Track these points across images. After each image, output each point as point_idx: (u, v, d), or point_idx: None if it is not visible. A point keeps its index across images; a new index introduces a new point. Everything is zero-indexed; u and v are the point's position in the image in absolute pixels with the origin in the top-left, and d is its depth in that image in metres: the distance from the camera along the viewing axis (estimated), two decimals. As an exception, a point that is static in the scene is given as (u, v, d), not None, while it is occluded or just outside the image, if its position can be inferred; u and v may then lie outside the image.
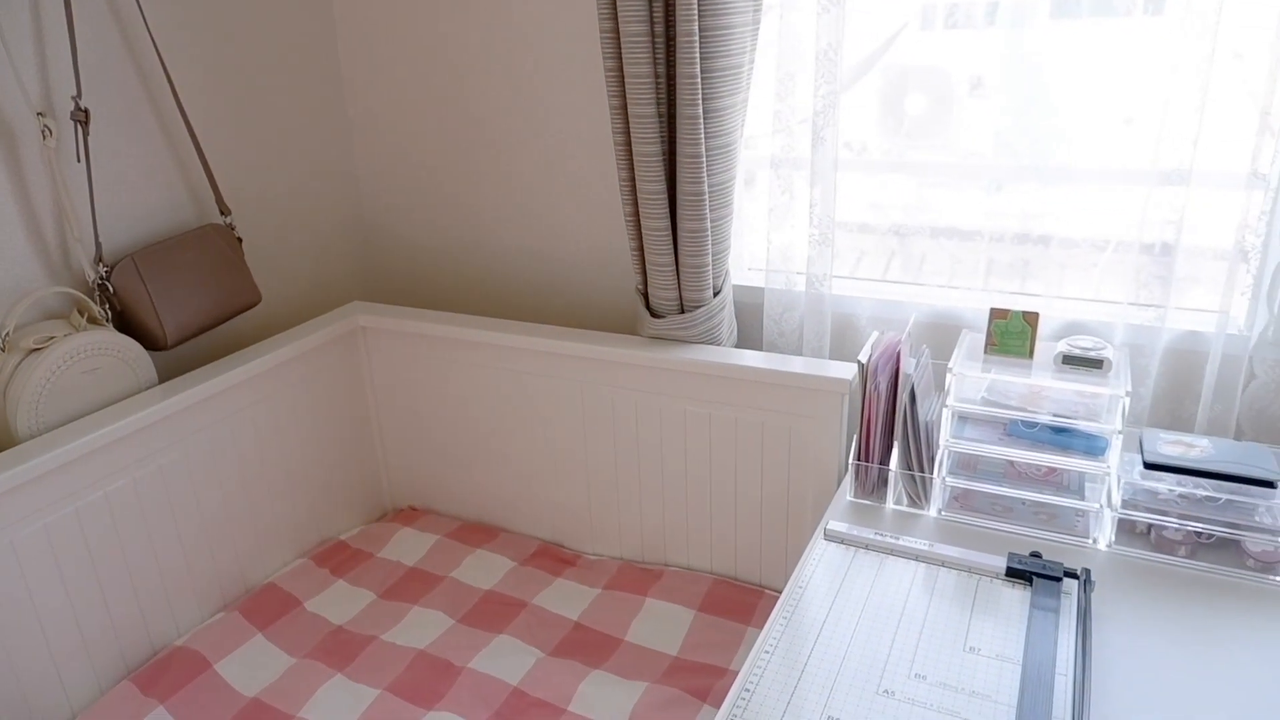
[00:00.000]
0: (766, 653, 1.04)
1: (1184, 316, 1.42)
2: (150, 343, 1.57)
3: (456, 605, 1.67)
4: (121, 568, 1.49)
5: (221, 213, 1.72)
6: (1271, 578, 1.17)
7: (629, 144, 1.53)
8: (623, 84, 1.50)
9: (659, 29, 1.45)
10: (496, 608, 1.66)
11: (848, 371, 1.48)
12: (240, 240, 1.74)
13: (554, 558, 1.82)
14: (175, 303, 1.59)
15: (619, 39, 1.46)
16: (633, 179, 1.56)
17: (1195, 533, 1.21)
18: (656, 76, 1.48)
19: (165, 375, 1.65)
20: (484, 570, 1.77)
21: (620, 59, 1.48)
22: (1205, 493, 1.22)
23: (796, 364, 1.55)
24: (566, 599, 1.68)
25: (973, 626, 1.07)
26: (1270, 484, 1.18)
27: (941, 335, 1.58)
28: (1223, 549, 1.21)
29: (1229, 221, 1.34)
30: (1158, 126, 1.31)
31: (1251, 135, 1.26)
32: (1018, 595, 1.13)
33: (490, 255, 1.95)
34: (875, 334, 1.38)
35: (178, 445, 1.55)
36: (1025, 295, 1.56)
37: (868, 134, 1.62)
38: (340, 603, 1.69)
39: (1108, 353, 1.26)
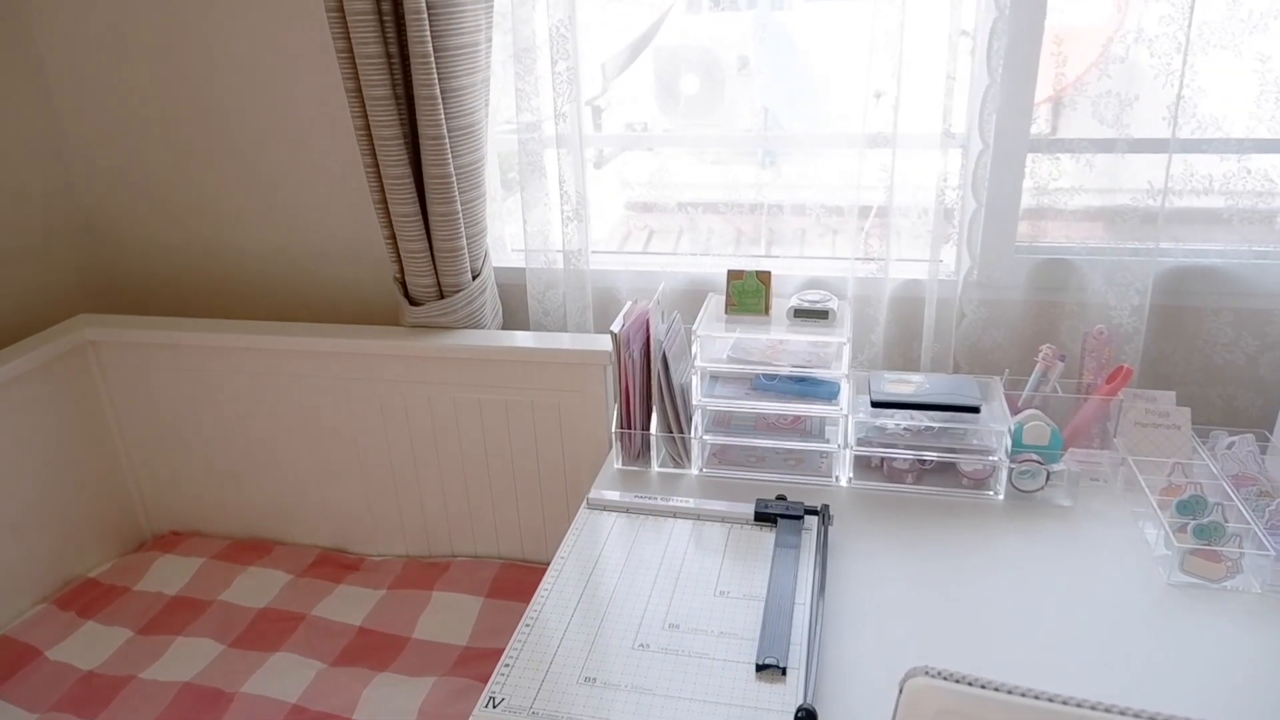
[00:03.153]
0: (527, 626, 1.05)
1: (903, 267, 1.55)
2: None
3: (226, 629, 1.56)
4: None
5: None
6: (984, 493, 1.31)
7: (368, 128, 1.48)
8: (355, 65, 1.44)
9: (386, 7, 1.40)
10: (272, 625, 1.57)
11: (607, 343, 1.50)
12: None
13: (335, 564, 1.74)
14: None
15: (345, 19, 1.40)
16: (376, 164, 1.50)
17: (919, 460, 1.33)
18: (389, 56, 1.43)
19: None
20: (257, 588, 1.66)
21: (349, 39, 1.42)
22: (925, 424, 1.34)
23: (560, 340, 1.56)
24: (349, 605, 1.61)
25: (724, 572, 1.13)
26: (975, 409, 1.32)
27: (697, 301, 1.64)
28: (943, 472, 1.34)
29: (934, 179, 1.47)
30: (863, 96, 1.41)
31: (940, 98, 1.40)
32: (766, 537, 1.20)
33: (236, 254, 1.82)
34: (628, 304, 1.41)
35: None
36: (770, 258, 1.65)
37: (648, 114, 1.65)
38: (90, 646, 1.53)
39: (832, 304, 1.36)
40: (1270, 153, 1.40)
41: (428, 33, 1.39)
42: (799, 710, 0.87)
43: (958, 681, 0.59)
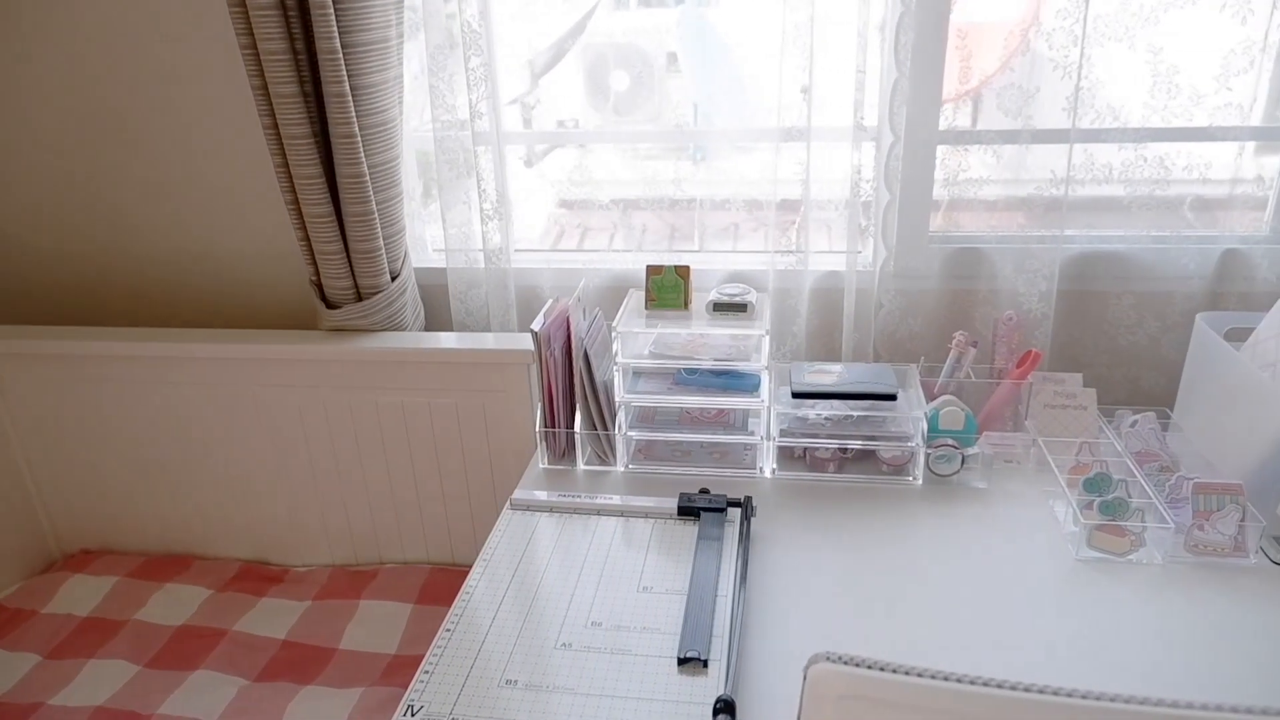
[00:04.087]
0: (448, 631, 1.03)
1: (823, 259, 1.57)
2: None
3: (141, 650, 1.50)
4: None
5: None
6: (903, 478, 1.34)
7: (276, 127, 1.44)
8: (259, 62, 1.39)
9: (291, 2, 1.36)
10: (190, 643, 1.51)
11: (529, 342, 1.49)
12: None
13: (258, 577, 1.69)
14: None
15: (248, 13, 1.36)
16: (286, 164, 1.46)
17: (840, 449, 1.35)
18: (295, 53, 1.39)
19: None
20: (174, 605, 1.60)
21: (253, 35, 1.38)
22: (845, 413, 1.36)
23: (483, 340, 1.54)
24: (272, 618, 1.57)
25: (647, 568, 1.13)
26: (892, 397, 1.34)
27: (620, 298, 1.63)
28: (864, 460, 1.37)
29: (849, 172, 1.49)
30: (776, 91, 1.42)
31: (851, 91, 1.42)
32: (690, 531, 1.20)
33: (142, 261, 1.75)
34: (549, 302, 1.40)
35: None
36: (690, 252, 1.65)
37: (579, 111, 1.63)
38: (-6, 674, 1.46)
39: (750, 297, 1.37)
40: (1165, 141, 1.45)
41: (335, 28, 1.36)
42: (718, 701, 0.88)
43: (858, 665, 0.60)
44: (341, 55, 1.38)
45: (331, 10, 1.35)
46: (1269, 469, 1.17)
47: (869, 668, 0.60)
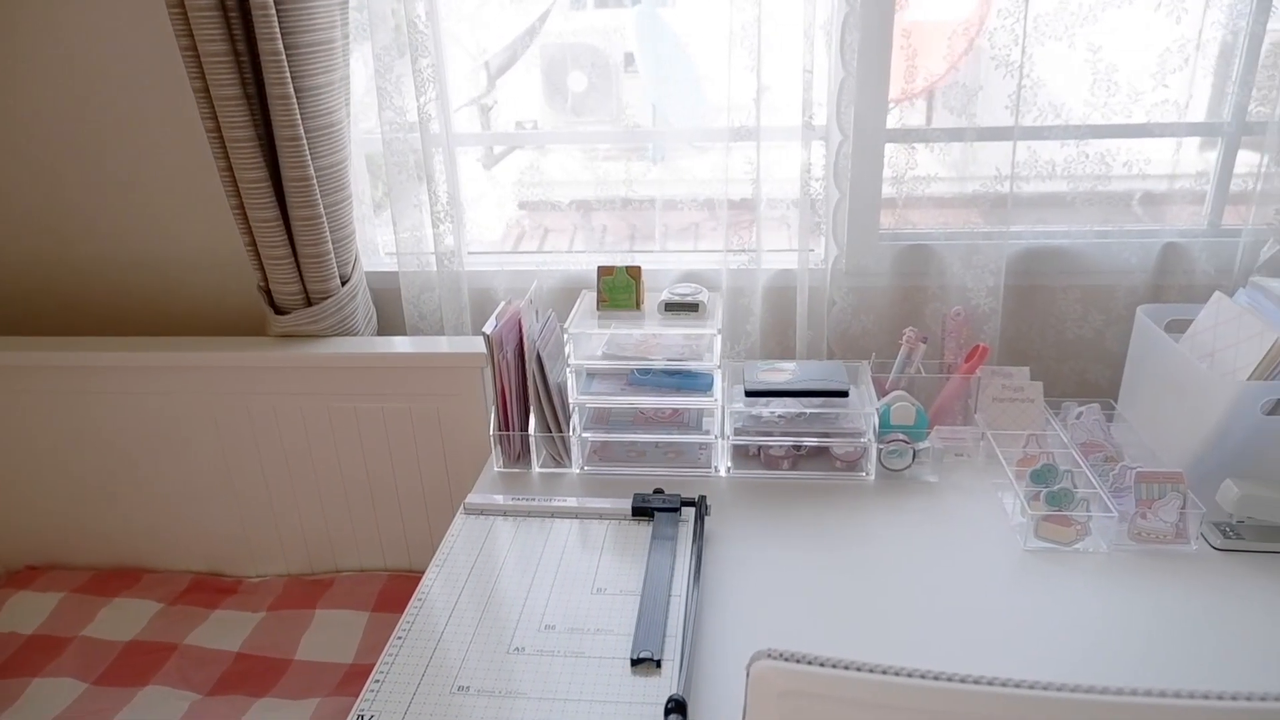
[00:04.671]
0: (399, 639, 1.02)
1: (776, 257, 1.58)
2: None
3: (89, 667, 1.47)
4: None
5: None
6: (856, 474, 1.35)
7: (219, 129, 1.41)
8: (200, 64, 1.37)
9: (231, 3, 1.34)
10: (140, 658, 1.48)
11: (482, 345, 1.48)
12: None
13: (211, 589, 1.66)
14: None
15: (187, 14, 1.33)
16: (231, 167, 1.44)
17: (794, 446, 1.36)
18: (237, 54, 1.37)
19: None
20: (123, 620, 1.57)
21: (193, 36, 1.35)
22: (798, 410, 1.37)
23: (436, 344, 1.53)
24: (226, 630, 1.54)
25: (601, 569, 1.12)
26: (844, 393, 1.35)
27: (574, 299, 1.63)
28: (818, 457, 1.38)
29: (799, 170, 1.50)
30: (726, 90, 1.43)
31: (799, 91, 1.42)
32: (644, 532, 1.20)
33: (84, 268, 1.71)
34: (501, 304, 1.39)
35: None
36: (643, 253, 1.66)
37: (538, 112, 1.62)
38: (-67, 697, 1.42)
39: (702, 296, 1.38)
40: (1106, 138, 1.48)
41: (277, 29, 1.33)
42: (669, 701, 0.88)
43: (799, 662, 0.60)
44: (285, 57, 1.36)
45: (274, 11, 1.33)
46: (1208, 457, 1.20)
47: (809, 664, 0.60)
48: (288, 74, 1.37)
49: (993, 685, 0.58)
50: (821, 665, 0.60)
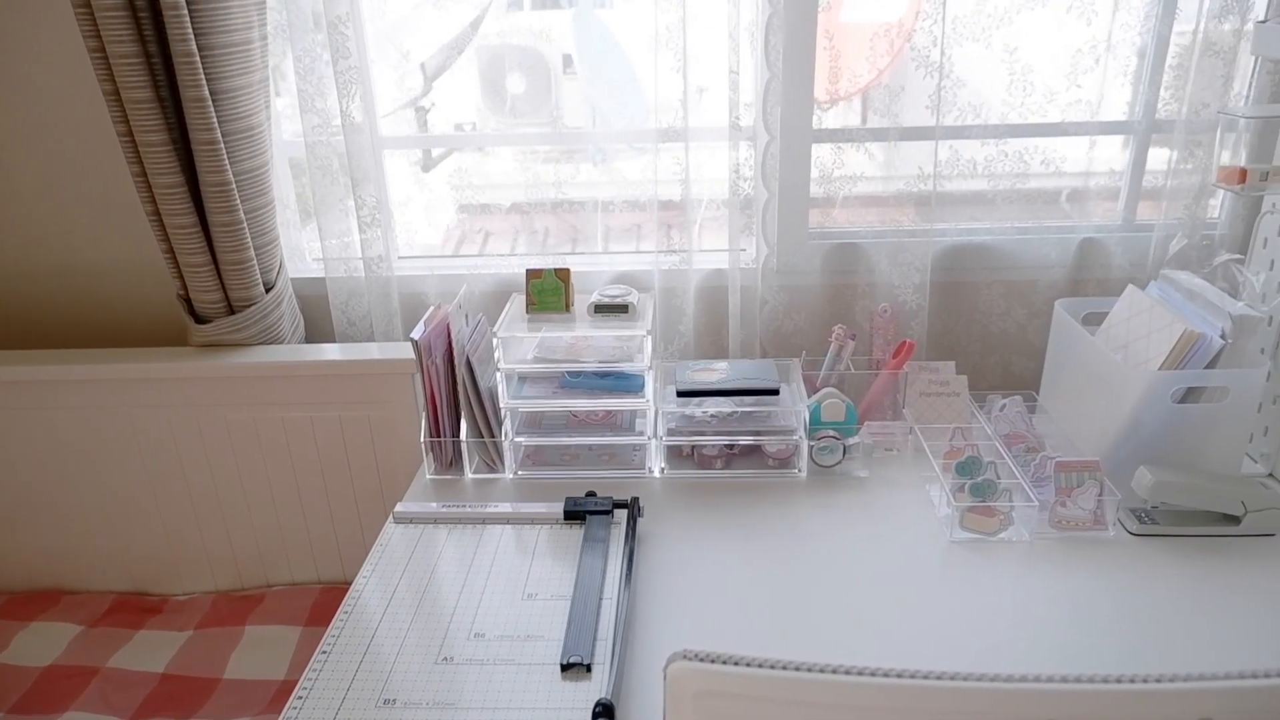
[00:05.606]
0: (324, 653, 0.99)
1: (707, 258, 1.59)
2: None
3: (3, 694, 1.41)
4: None
5: None
6: (789, 471, 1.36)
7: (131, 133, 1.36)
8: (109, 65, 1.32)
9: (141, 3, 1.30)
10: (59, 683, 1.43)
11: (410, 351, 1.45)
12: None
13: (134, 609, 1.60)
14: None
15: (93, 15, 1.29)
16: (144, 172, 1.39)
17: (727, 445, 1.36)
18: (148, 56, 1.32)
19: None
20: (40, 645, 1.51)
21: (100, 38, 1.30)
22: (730, 409, 1.38)
23: (366, 351, 1.50)
24: (150, 651, 1.49)
25: (532, 574, 1.11)
26: (775, 391, 1.36)
27: (505, 303, 1.61)
28: (751, 455, 1.38)
29: (728, 171, 1.51)
30: (653, 91, 1.43)
31: (725, 92, 1.43)
32: (576, 535, 1.19)
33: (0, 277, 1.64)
34: (430, 309, 1.37)
35: None
36: (574, 255, 1.65)
37: (476, 114, 1.60)
38: None
39: (632, 298, 1.37)
40: (1024, 137, 1.52)
41: (189, 30, 1.30)
42: (596, 705, 0.87)
43: (712, 661, 0.60)
44: (199, 58, 1.32)
45: (185, 11, 1.29)
46: (1123, 445, 1.24)
47: (723, 663, 0.60)
48: (202, 76, 1.33)
49: (902, 678, 0.59)
50: (735, 664, 0.60)
